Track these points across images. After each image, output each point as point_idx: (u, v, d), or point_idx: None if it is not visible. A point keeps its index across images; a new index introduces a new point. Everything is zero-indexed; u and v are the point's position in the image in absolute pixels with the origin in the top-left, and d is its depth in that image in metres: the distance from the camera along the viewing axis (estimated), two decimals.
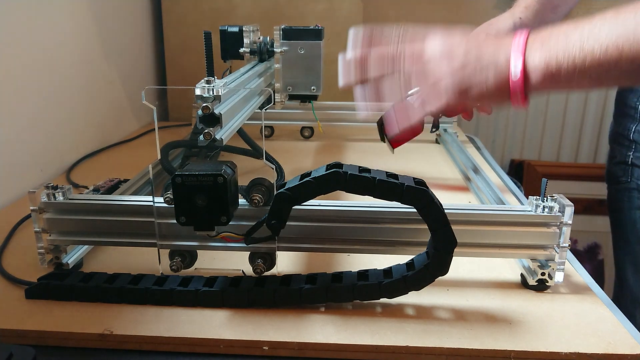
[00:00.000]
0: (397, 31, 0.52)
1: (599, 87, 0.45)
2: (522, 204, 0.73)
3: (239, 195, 0.51)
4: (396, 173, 0.48)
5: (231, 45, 0.81)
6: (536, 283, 0.54)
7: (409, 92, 0.51)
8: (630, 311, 0.85)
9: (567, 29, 0.44)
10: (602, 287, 0.56)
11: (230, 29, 0.80)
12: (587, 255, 1.66)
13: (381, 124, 0.71)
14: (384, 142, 0.71)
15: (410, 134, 0.69)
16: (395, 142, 0.70)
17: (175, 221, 0.48)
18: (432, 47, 0.50)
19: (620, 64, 0.41)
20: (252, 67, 0.76)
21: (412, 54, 0.50)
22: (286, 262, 0.59)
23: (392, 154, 0.72)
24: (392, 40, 0.52)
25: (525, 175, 1.68)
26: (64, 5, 0.92)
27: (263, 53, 0.81)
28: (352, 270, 0.52)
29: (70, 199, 0.55)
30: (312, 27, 0.81)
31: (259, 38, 0.81)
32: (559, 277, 0.53)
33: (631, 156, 0.83)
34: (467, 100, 0.49)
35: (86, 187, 0.76)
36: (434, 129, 0.89)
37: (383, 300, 0.51)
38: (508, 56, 0.46)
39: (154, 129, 0.51)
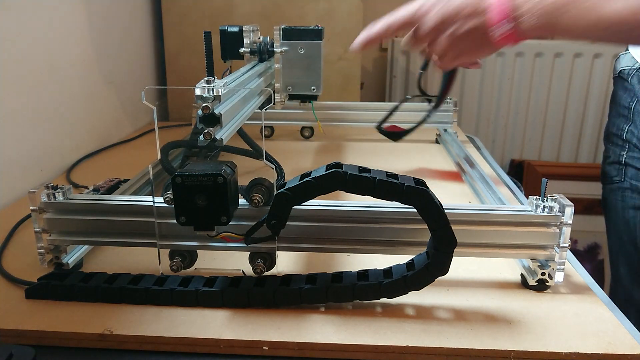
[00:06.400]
0: None
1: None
2: (522, 204, 0.73)
3: (239, 195, 0.51)
4: (396, 173, 0.48)
5: (231, 45, 0.81)
6: (536, 283, 0.54)
7: None
8: (623, 310, 0.85)
9: None
10: (602, 287, 0.56)
11: (230, 29, 0.80)
12: (587, 255, 1.66)
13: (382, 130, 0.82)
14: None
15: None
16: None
17: (175, 221, 0.48)
18: None
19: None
20: (252, 67, 0.76)
21: None
22: (286, 262, 0.59)
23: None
24: None
25: (525, 175, 1.68)
26: (64, 5, 0.92)
27: (263, 53, 0.81)
28: (352, 270, 0.52)
29: (70, 199, 0.55)
30: (312, 27, 0.81)
31: (259, 38, 0.81)
32: (559, 277, 0.53)
33: (625, 156, 0.84)
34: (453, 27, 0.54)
35: (86, 187, 0.76)
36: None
37: (383, 300, 0.51)
38: None
39: (154, 129, 0.51)
